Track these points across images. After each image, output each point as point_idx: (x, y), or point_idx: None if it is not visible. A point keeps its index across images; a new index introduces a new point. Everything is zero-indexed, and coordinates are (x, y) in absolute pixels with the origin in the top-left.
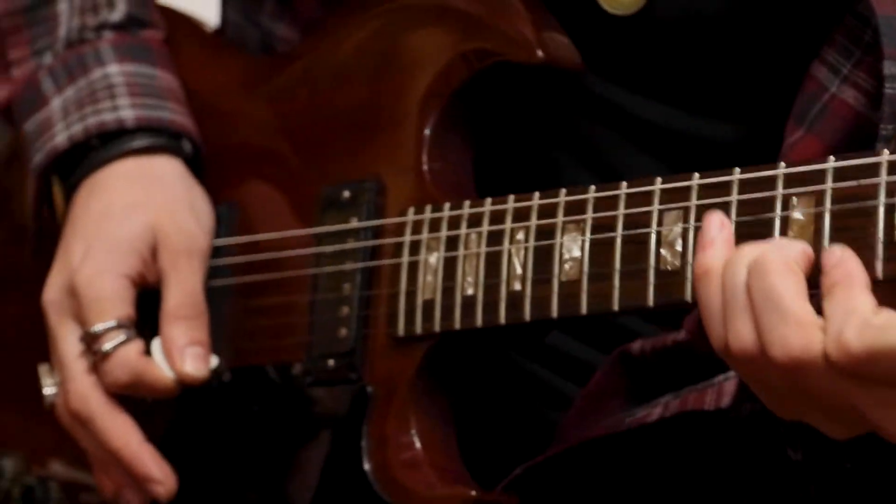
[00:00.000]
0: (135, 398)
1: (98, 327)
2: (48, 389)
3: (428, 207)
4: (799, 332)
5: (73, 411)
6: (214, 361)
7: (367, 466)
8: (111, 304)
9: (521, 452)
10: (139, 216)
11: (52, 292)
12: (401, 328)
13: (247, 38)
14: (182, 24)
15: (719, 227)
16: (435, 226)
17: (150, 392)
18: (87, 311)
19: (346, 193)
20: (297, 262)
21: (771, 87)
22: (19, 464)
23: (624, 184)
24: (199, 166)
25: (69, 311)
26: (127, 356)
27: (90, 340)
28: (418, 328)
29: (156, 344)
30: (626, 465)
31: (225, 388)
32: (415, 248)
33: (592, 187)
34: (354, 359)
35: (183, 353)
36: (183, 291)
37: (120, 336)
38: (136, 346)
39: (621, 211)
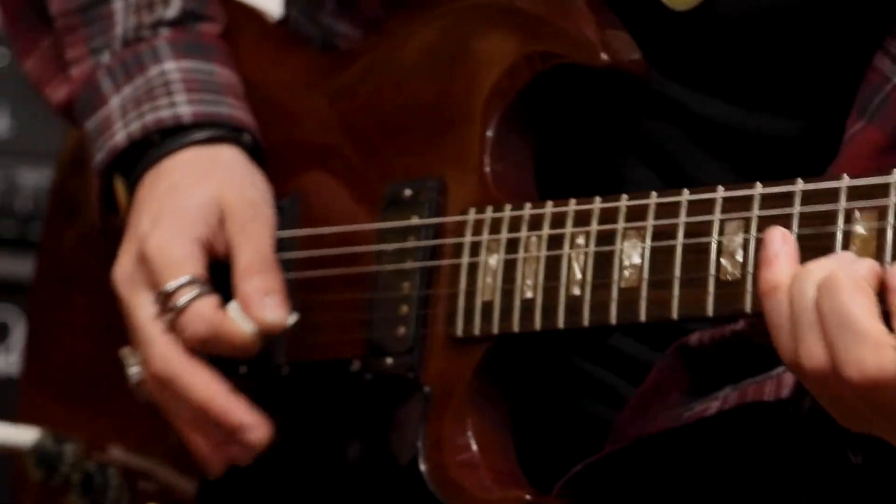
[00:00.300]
0: None
1: (171, 284)
2: (133, 369)
3: (489, 208)
4: (874, 352)
5: (157, 374)
6: (293, 318)
7: (422, 467)
8: (182, 262)
9: (577, 454)
10: (205, 187)
11: (122, 267)
12: (459, 329)
13: (308, 34)
14: (245, 15)
15: (782, 241)
16: (495, 227)
17: (229, 347)
18: (159, 273)
19: (408, 191)
20: (357, 259)
21: (832, 82)
22: (79, 450)
23: (686, 191)
24: (258, 160)
25: (141, 279)
26: (203, 308)
27: (164, 299)
28: (477, 329)
29: (232, 305)
30: (684, 460)
31: (283, 382)
32: (475, 248)
33: (654, 194)
34: (412, 358)
35: (261, 302)
36: (253, 250)
37: (194, 290)
38: (212, 299)
39: (682, 219)
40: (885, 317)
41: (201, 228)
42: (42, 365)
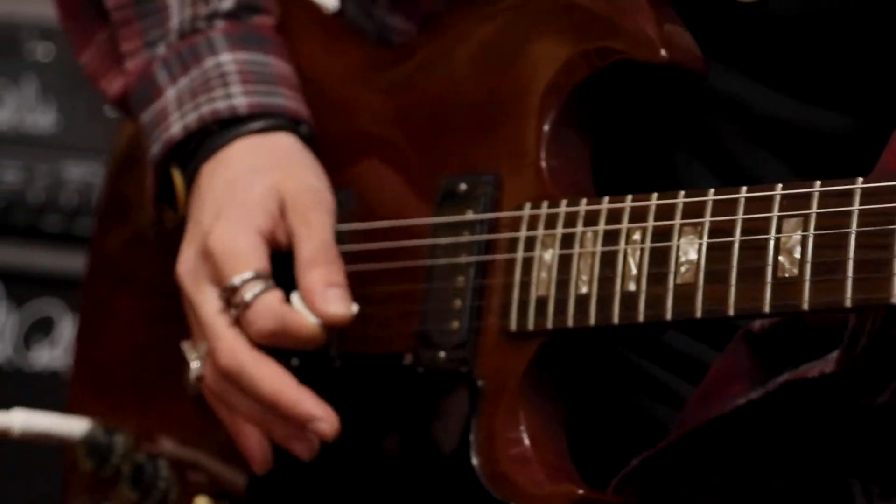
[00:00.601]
0: None
1: (236, 279)
2: (193, 364)
3: (544, 204)
4: None
5: (223, 368)
6: (355, 307)
7: (474, 461)
8: (246, 257)
9: (630, 451)
10: (264, 178)
11: (186, 262)
12: (513, 323)
13: (363, 28)
14: (301, 7)
15: None
16: (551, 222)
17: (295, 340)
18: (222, 268)
19: (463, 186)
20: (412, 252)
21: (891, 77)
22: (129, 441)
23: (744, 188)
24: (314, 151)
25: (205, 275)
26: (269, 303)
27: (230, 294)
28: (531, 324)
29: (295, 297)
30: (732, 447)
31: (335, 375)
32: (530, 243)
33: (711, 190)
34: (465, 352)
35: (325, 295)
36: (316, 240)
37: (259, 285)
38: (277, 293)
39: (740, 216)
40: None
41: (263, 220)
42: (93, 358)
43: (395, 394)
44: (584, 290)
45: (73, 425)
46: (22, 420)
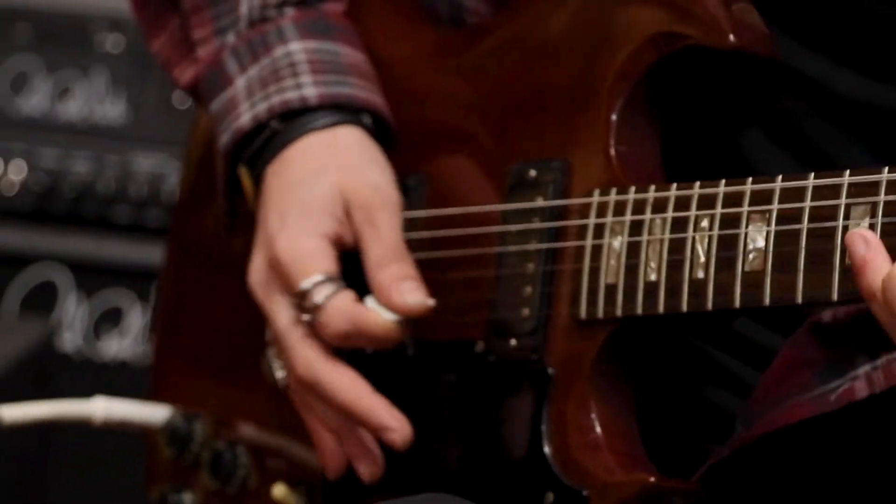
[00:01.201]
0: None
1: (305, 284)
2: (279, 373)
3: (613, 190)
4: None
5: (301, 379)
6: (431, 301)
7: (546, 449)
8: (314, 261)
9: (700, 439)
10: (327, 179)
11: (256, 274)
12: (583, 311)
13: (436, 9)
14: None
15: (865, 245)
16: (619, 209)
17: (371, 339)
18: (291, 274)
19: (533, 172)
20: (482, 239)
21: None
22: (209, 428)
23: (811, 175)
24: (385, 140)
25: (275, 285)
26: (342, 304)
27: (301, 299)
28: (600, 312)
29: (368, 299)
30: (834, 446)
31: (408, 362)
32: (599, 230)
33: (779, 177)
34: (536, 339)
35: (400, 288)
36: (384, 241)
37: (329, 287)
38: (348, 294)
39: (808, 203)
40: None
41: (328, 223)
42: (174, 345)
43: (466, 381)
44: (652, 277)
45: (153, 412)
46: (103, 408)
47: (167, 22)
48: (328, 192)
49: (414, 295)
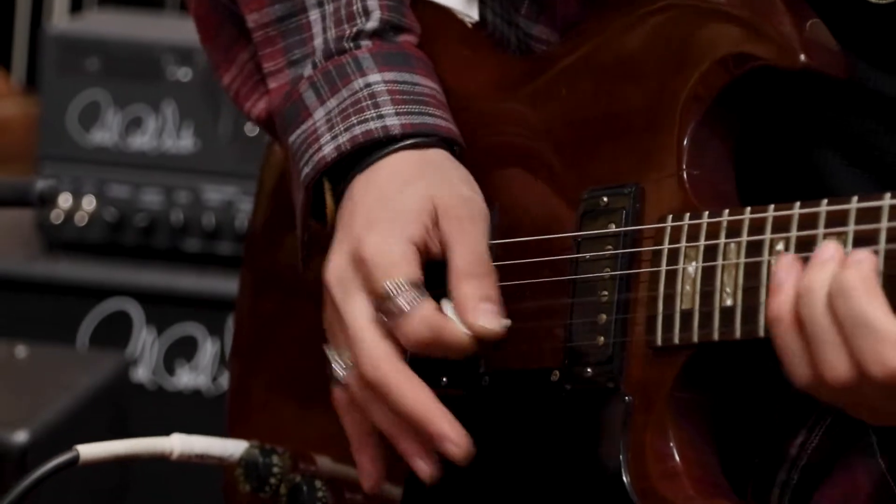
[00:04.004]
0: None
1: (390, 286)
2: (339, 370)
3: (686, 215)
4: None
5: (367, 378)
6: (506, 322)
7: (625, 478)
8: (400, 265)
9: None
10: (417, 188)
11: (336, 269)
12: (659, 337)
13: (505, 37)
14: (442, 17)
15: (787, 270)
16: (693, 234)
17: (447, 350)
18: (375, 275)
19: (605, 199)
20: (556, 267)
21: None
22: (287, 461)
23: (887, 195)
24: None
25: (356, 282)
26: (425, 312)
27: (381, 301)
28: (676, 338)
29: (447, 306)
30: None
31: (484, 392)
32: (673, 256)
33: (854, 198)
34: (613, 367)
35: (476, 309)
36: (471, 251)
37: (414, 293)
38: (432, 303)
39: (884, 224)
40: None
41: (416, 230)
42: (250, 376)
43: (543, 410)
44: (728, 302)
45: (230, 446)
46: (180, 443)
47: (237, 55)
48: (418, 201)
49: (489, 318)
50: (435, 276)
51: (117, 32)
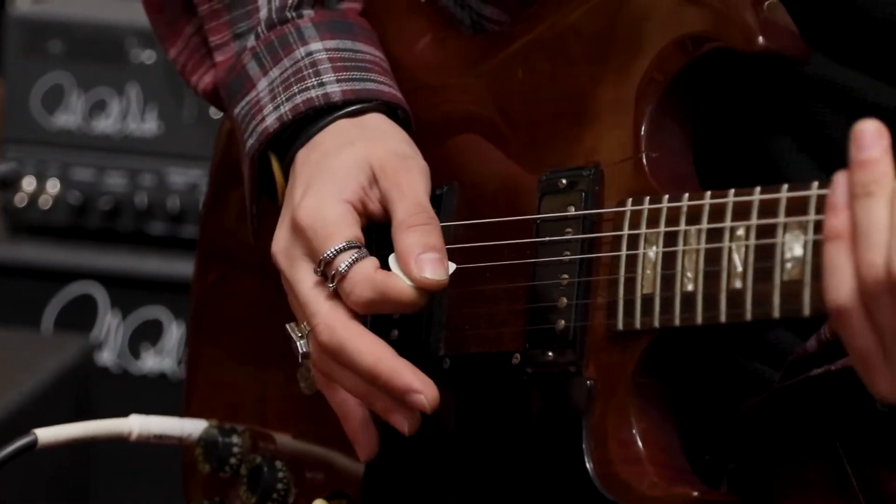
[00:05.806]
0: None
1: (329, 251)
2: (299, 342)
3: (646, 199)
4: None
5: (324, 345)
6: (452, 267)
7: (588, 464)
8: (337, 227)
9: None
10: (353, 149)
11: (279, 240)
12: (620, 322)
13: (458, 18)
14: None
15: (844, 189)
16: (653, 218)
17: (395, 305)
18: (314, 241)
19: (564, 181)
20: (515, 250)
21: None
22: (246, 441)
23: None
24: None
25: (299, 251)
26: (365, 271)
27: (325, 266)
28: (637, 323)
29: (392, 260)
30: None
31: (444, 376)
32: (633, 241)
33: (815, 184)
34: (574, 351)
35: (419, 260)
36: (409, 201)
37: (353, 254)
38: (371, 261)
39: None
40: None
41: (352, 189)
42: (206, 357)
43: (504, 394)
44: (689, 287)
45: (188, 427)
46: (138, 424)
47: (183, 28)
48: (353, 160)
49: (433, 268)
50: (386, 237)
51: (81, 15)
